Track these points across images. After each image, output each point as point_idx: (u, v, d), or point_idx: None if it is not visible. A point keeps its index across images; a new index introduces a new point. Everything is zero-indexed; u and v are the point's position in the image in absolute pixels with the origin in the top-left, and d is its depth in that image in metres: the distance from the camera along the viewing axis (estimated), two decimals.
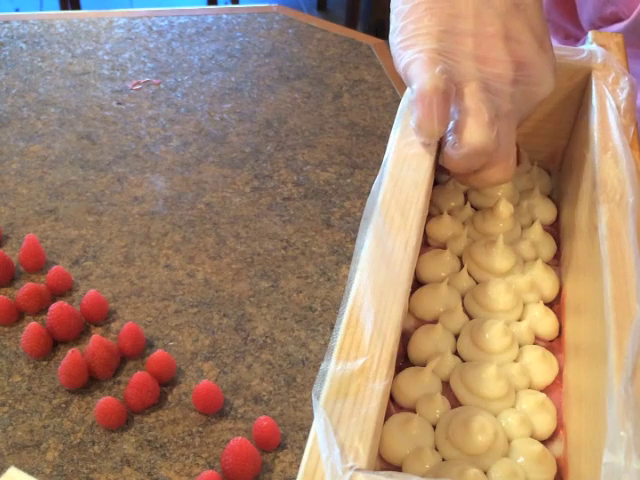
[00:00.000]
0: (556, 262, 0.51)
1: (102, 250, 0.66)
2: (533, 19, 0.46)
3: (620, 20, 0.69)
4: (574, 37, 0.77)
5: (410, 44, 0.45)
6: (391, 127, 0.48)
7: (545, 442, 0.39)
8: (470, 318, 0.45)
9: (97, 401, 0.51)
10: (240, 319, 0.60)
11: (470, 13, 0.45)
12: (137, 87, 0.87)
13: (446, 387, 0.41)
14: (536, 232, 0.50)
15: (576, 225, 0.48)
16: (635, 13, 0.66)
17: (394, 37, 0.47)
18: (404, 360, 0.43)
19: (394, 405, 0.40)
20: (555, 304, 0.48)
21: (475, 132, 0.42)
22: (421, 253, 0.47)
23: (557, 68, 0.47)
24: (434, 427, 0.39)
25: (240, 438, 0.48)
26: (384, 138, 0.79)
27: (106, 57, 0.92)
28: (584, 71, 0.53)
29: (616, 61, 0.53)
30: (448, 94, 0.42)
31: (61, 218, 0.69)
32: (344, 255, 0.66)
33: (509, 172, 0.45)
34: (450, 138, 0.44)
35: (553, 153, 0.58)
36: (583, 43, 0.66)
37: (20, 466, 0.49)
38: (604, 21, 0.71)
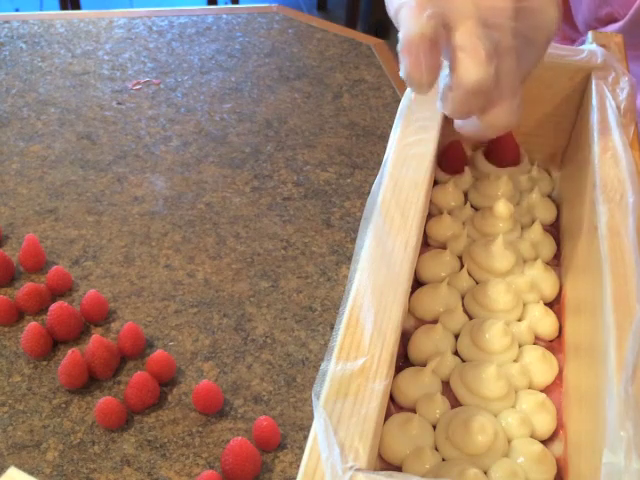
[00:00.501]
0: (556, 262, 0.51)
1: (102, 250, 0.66)
2: None
3: (615, 21, 0.69)
4: (570, 39, 0.77)
5: None
6: (391, 127, 0.48)
7: (545, 442, 0.39)
8: (470, 318, 0.45)
9: (97, 401, 0.51)
10: (240, 319, 0.60)
11: None
12: (137, 87, 0.87)
13: (446, 387, 0.41)
14: (536, 232, 0.50)
15: (576, 225, 0.48)
16: (630, 14, 0.66)
17: None
18: (404, 360, 0.43)
19: (394, 405, 0.40)
20: (555, 304, 0.48)
21: (470, 69, 0.40)
22: (421, 253, 0.47)
23: (560, 3, 0.45)
24: (434, 427, 0.39)
25: (240, 438, 0.48)
26: (384, 138, 0.79)
27: (106, 57, 0.92)
28: (584, 71, 0.53)
29: (616, 61, 0.53)
30: (436, 41, 0.40)
31: (61, 218, 0.69)
32: (344, 255, 0.66)
33: (515, 113, 0.43)
34: (447, 80, 0.42)
35: (553, 153, 0.58)
36: (581, 44, 0.66)
37: (20, 466, 0.49)
38: (599, 22, 0.71)
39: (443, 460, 0.37)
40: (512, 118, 0.43)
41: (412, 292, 0.45)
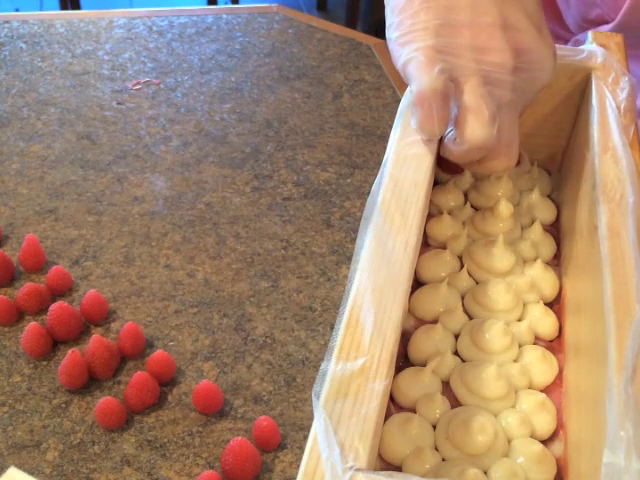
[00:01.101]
0: (556, 262, 0.51)
1: (102, 250, 0.66)
2: (529, 6, 0.46)
3: (606, 22, 0.69)
4: (563, 38, 0.77)
5: (408, 40, 0.44)
6: (391, 127, 0.48)
7: (545, 442, 0.39)
8: (470, 318, 0.45)
9: (97, 401, 0.51)
10: (240, 319, 0.60)
11: (466, 4, 0.45)
12: (137, 87, 0.87)
13: (446, 387, 0.41)
14: (536, 232, 0.50)
15: (576, 225, 0.48)
16: (620, 15, 0.66)
17: (391, 32, 0.46)
18: (404, 360, 0.43)
19: (394, 405, 0.40)
20: (555, 304, 0.48)
21: (476, 129, 0.43)
22: (421, 253, 0.47)
23: (556, 53, 0.47)
24: (434, 427, 0.39)
25: (240, 438, 0.48)
26: (384, 138, 0.79)
27: (106, 57, 0.92)
28: (584, 71, 0.53)
29: (616, 61, 0.53)
30: (447, 95, 0.42)
31: (61, 218, 0.69)
32: (344, 255, 0.66)
33: (512, 160, 0.46)
34: (451, 133, 0.44)
35: (553, 153, 0.58)
36: (574, 43, 0.66)
37: (20, 466, 0.49)
38: (590, 23, 0.71)
39: (443, 460, 0.37)
40: (510, 164, 0.46)
41: (412, 292, 0.45)
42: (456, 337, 0.44)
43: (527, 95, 0.46)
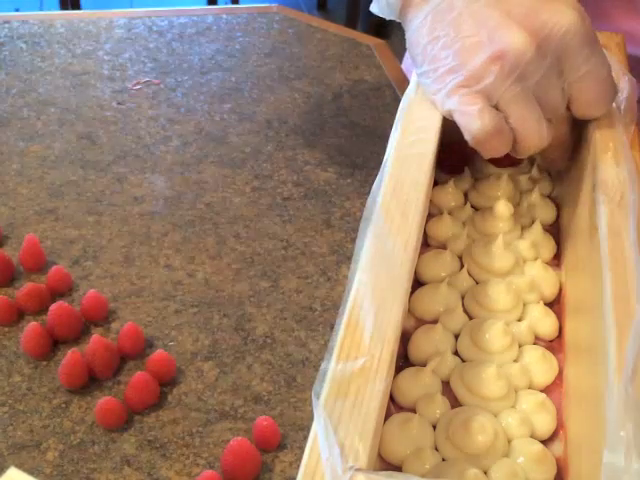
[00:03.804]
0: (556, 262, 0.51)
1: (102, 250, 0.66)
2: None
3: None
4: None
5: (439, 88, 0.47)
6: (391, 127, 0.48)
7: (545, 442, 0.39)
8: (470, 318, 0.45)
9: (97, 401, 0.51)
10: (240, 319, 0.60)
11: (468, 16, 0.46)
12: (137, 87, 0.87)
13: (446, 387, 0.41)
14: (536, 232, 0.50)
15: (576, 225, 0.48)
16: None
17: (423, 78, 0.49)
18: (404, 360, 0.43)
19: (394, 405, 0.40)
20: (555, 304, 0.48)
21: (467, 126, 0.45)
22: (421, 253, 0.47)
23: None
24: (434, 427, 0.39)
25: (240, 438, 0.48)
26: (384, 138, 0.79)
27: (106, 57, 0.92)
28: None
29: (616, 61, 0.53)
30: (499, 128, 0.45)
31: (61, 218, 0.69)
32: (344, 255, 0.66)
33: (543, 139, 0.47)
34: None
35: None
36: None
37: (20, 466, 0.49)
38: None
39: (443, 460, 0.37)
40: (542, 142, 0.47)
41: (412, 292, 0.45)
42: (456, 337, 0.44)
43: (562, 63, 0.46)
